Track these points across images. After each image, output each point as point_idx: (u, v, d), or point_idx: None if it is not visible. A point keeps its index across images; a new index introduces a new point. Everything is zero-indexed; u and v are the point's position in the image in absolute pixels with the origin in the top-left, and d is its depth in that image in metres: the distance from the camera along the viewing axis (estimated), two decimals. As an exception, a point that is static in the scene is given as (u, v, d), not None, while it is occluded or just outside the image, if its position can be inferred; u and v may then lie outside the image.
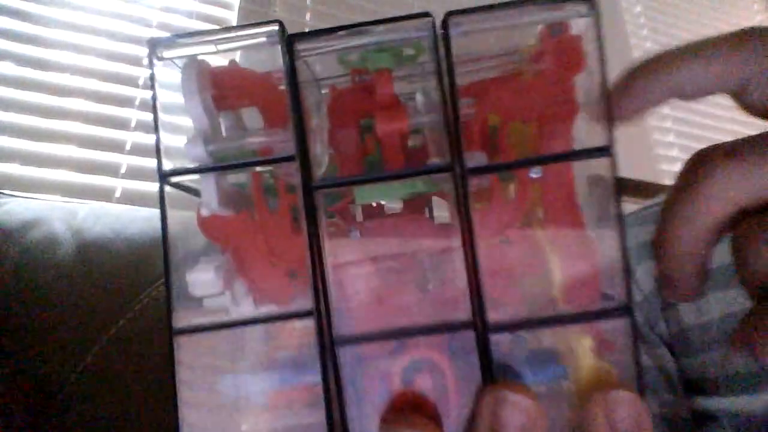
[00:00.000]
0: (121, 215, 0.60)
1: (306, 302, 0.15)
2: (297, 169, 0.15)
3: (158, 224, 0.17)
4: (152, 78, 0.17)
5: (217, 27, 0.16)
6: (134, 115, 0.87)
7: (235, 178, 0.17)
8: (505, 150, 0.16)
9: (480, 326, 0.15)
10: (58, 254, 0.53)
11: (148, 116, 0.86)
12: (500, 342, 0.15)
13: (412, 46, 0.16)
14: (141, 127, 0.87)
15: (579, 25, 0.15)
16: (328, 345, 0.15)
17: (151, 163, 0.85)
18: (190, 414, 0.15)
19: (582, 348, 0.15)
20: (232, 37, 0.16)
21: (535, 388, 0.15)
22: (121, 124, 0.85)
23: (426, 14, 0.15)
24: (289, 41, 0.16)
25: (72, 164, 0.80)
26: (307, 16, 1.08)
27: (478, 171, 0.15)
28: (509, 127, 0.16)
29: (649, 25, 1.49)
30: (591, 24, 0.15)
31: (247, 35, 0.16)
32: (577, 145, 0.16)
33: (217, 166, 0.16)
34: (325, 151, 0.16)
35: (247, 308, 0.16)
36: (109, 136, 0.84)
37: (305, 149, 0.15)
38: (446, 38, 0.15)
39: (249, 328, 0.15)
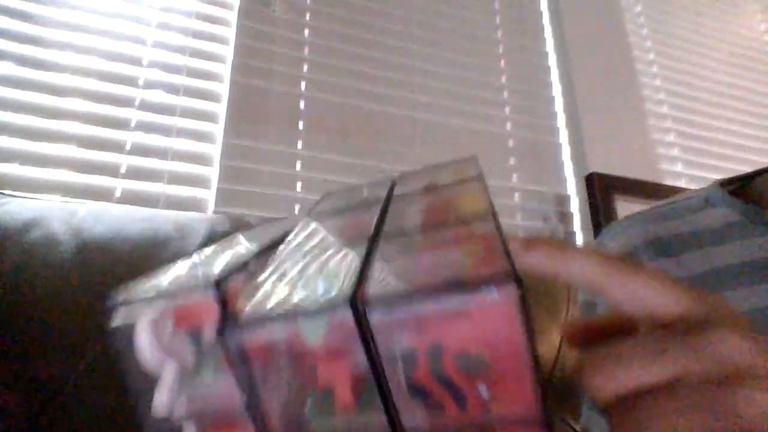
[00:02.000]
0: (120, 215, 0.60)
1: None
2: None
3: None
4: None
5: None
6: (134, 115, 0.87)
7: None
8: (455, 378, 0.17)
9: None
10: (58, 254, 0.53)
11: (148, 116, 0.87)
12: None
13: None
14: (141, 127, 0.87)
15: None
16: None
17: (150, 163, 0.86)
18: None
19: None
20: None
21: None
22: (121, 124, 0.85)
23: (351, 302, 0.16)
24: None
25: (72, 164, 0.80)
26: (307, 16, 1.08)
27: None
28: (454, 357, 0.17)
29: (649, 25, 1.50)
30: (516, 302, 0.15)
31: None
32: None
33: None
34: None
35: None
36: (108, 136, 0.84)
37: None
38: (366, 322, 0.16)
39: None
